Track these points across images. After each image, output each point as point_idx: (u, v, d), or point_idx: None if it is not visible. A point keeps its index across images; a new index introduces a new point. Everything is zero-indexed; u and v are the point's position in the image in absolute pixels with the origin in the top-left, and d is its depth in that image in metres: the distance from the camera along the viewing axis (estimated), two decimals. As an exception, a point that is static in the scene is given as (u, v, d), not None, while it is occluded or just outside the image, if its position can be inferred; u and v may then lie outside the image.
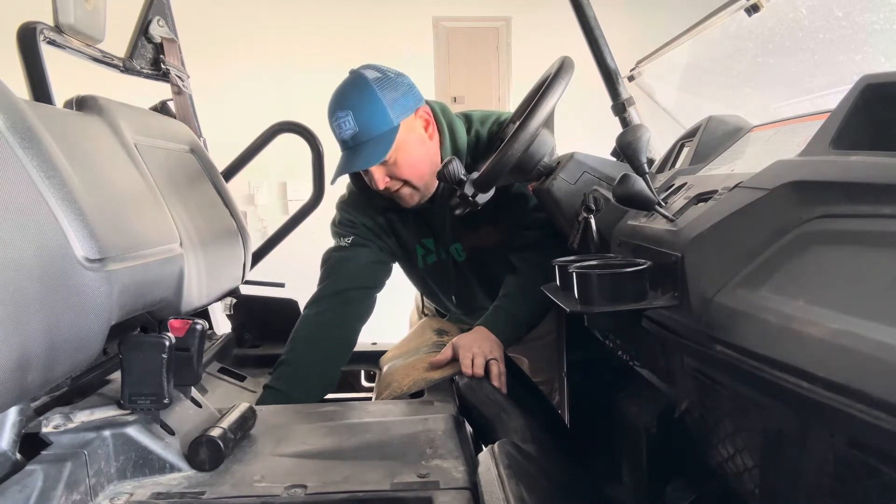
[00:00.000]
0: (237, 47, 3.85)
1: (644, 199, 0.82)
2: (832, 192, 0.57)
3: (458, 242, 1.55)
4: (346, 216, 1.57)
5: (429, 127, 1.44)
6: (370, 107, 1.34)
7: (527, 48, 3.96)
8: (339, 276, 1.53)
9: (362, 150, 1.34)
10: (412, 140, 1.39)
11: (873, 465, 0.47)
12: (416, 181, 1.41)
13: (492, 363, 1.32)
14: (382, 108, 1.34)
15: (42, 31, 1.28)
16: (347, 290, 1.52)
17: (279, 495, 0.88)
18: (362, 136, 1.34)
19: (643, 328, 0.84)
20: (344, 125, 1.34)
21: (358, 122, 1.33)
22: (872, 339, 0.45)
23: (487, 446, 0.95)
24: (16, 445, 0.83)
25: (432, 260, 1.60)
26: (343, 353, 1.51)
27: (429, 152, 1.44)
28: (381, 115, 1.34)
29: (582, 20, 1.48)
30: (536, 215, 1.46)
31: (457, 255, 1.57)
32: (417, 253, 1.59)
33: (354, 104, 1.34)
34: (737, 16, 1.21)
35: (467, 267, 1.59)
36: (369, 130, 1.34)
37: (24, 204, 0.77)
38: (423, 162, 1.42)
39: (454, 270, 1.60)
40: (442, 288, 1.66)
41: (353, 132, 1.34)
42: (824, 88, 1.08)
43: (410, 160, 1.39)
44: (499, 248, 1.54)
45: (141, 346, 0.94)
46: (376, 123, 1.34)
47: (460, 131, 1.48)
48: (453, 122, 1.49)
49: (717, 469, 0.77)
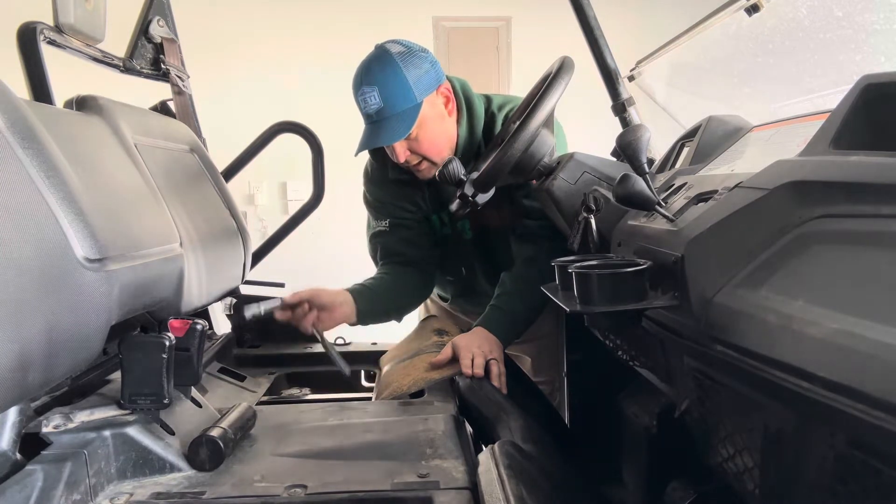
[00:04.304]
0: (237, 47, 3.85)
1: (644, 199, 0.82)
2: (832, 192, 0.56)
3: (465, 220, 1.59)
4: (374, 196, 1.64)
5: (449, 103, 1.47)
6: (395, 83, 1.37)
7: (527, 48, 3.96)
8: (391, 252, 1.63)
9: (386, 126, 1.38)
10: (433, 116, 1.43)
11: (873, 465, 0.47)
12: (434, 157, 1.45)
13: (492, 363, 1.33)
14: (407, 85, 1.37)
15: (42, 31, 1.28)
16: (405, 259, 1.61)
17: (279, 495, 0.88)
18: (387, 111, 1.37)
19: (643, 328, 0.84)
20: (370, 100, 1.37)
21: (383, 97, 1.36)
22: (872, 339, 0.45)
23: (487, 446, 0.95)
24: (16, 445, 0.83)
25: (447, 231, 1.64)
26: (419, 289, 1.67)
27: (448, 128, 1.48)
28: (406, 92, 1.37)
29: (582, 20, 1.48)
30: (537, 204, 1.47)
31: (465, 232, 1.62)
32: (434, 223, 1.64)
33: (379, 80, 1.37)
34: (737, 16, 1.21)
35: (472, 246, 1.63)
36: (393, 106, 1.37)
37: (24, 204, 0.77)
38: (442, 138, 1.46)
39: (462, 246, 1.64)
40: (452, 262, 1.70)
41: (378, 107, 1.37)
42: (824, 88, 1.08)
43: (431, 137, 1.43)
44: (503, 231, 1.57)
45: (141, 346, 0.94)
46: (400, 100, 1.37)
47: (479, 109, 1.52)
48: (472, 100, 1.52)
49: (718, 469, 0.77)
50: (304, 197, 2.03)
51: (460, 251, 1.66)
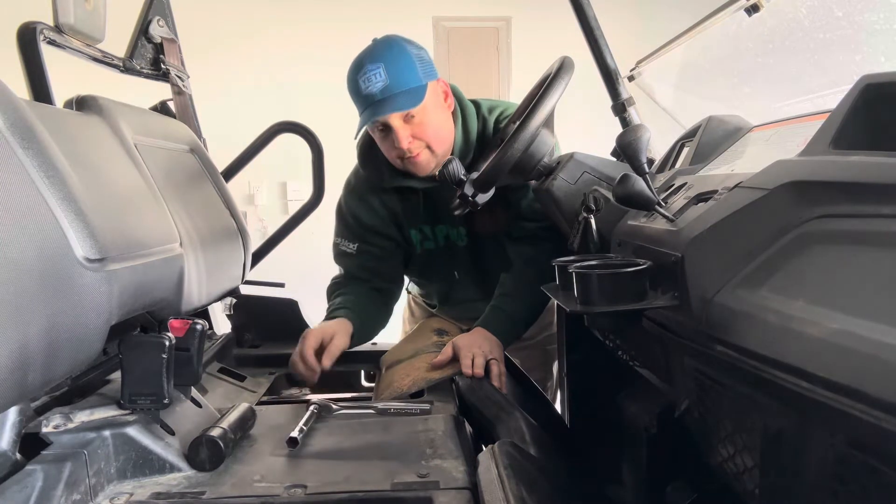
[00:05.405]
0: (237, 47, 3.86)
1: (644, 199, 0.82)
2: (832, 192, 0.56)
3: (461, 226, 1.56)
4: (352, 211, 1.57)
5: (447, 98, 1.45)
6: (402, 61, 1.34)
7: (527, 48, 3.96)
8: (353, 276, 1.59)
9: (392, 101, 1.33)
10: (436, 104, 1.40)
11: (873, 465, 0.47)
12: (435, 146, 1.41)
13: (492, 363, 1.33)
14: (413, 64, 1.36)
15: (42, 31, 1.28)
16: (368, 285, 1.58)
17: (279, 495, 0.88)
18: (393, 88, 1.33)
19: (643, 328, 0.84)
20: (374, 77, 1.33)
21: (389, 73, 1.32)
22: (872, 339, 0.45)
23: (487, 446, 0.95)
24: (16, 445, 0.84)
25: (430, 246, 1.61)
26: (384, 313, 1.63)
27: (448, 121, 1.45)
28: (412, 71, 1.35)
29: (582, 20, 1.48)
30: (536, 205, 1.47)
31: (458, 239, 1.58)
32: (413, 238, 1.60)
33: (386, 57, 1.34)
34: (737, 16, 1.21)
35: (465, 254, 1.59)
36: (400, 84, 1.33)
37: (24, 204, 0.77)
38: (445, 128, 1.43)
39: (449, 258, 1.61)
40: (437, 276, 1.67)
41: (384, 84, 1.32)
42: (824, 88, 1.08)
43: (435, 122, 1.40)
44: (500, 235, 1.56)
45: (141, 346, 0.94)
46: (406, 78, 1.34)
47: (471, 112, 1.50)
48: (465, 102, 1.51)
49: (717, 469, 0.77)
50: (304, 197, 2.03)
51: (448, 262, 1.62)
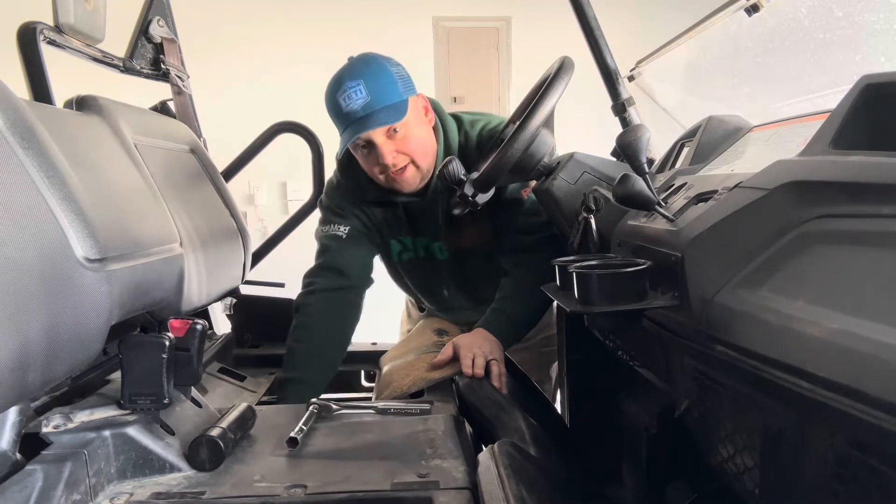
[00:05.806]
0: (237, 47, 3.85)
1: (644, 199, 0.82)
2: (832, 192, 0.56)
3: (442, 241, 1.54)
4: (339, 202, 1.55)
5: (428, 112, 1.45)
6: (382, 77, 1.34)
7: (527, 48, 3.96)
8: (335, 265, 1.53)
9: (374, 117, 1.32)
10: (417, 119, 1.40)
11: (873, 465, 0.47)
12: (420, 160, 1.40)
13: (492, 363, 1.33)
14: (393, 80, 1.35)
15: (42, 31, 1.28)
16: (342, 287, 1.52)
17: (279, 495, 0.88)
18: (374, 104, 1.32)
19: (643, 328, 0.84)
20: (355, 94, 1.31)
21: (370, 89, 1.31)
22: (872, 339, 0.45)
23: (487, 446, 0.95)
24: (16, 445, 0.84)
25: (409, 257, 1.59)
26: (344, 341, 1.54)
27: (430, 135, 1.45)
28: (392, 87, 1.34)
29: (582, 20, 1.47)
30: (531, 220, 1.46)
31: (439, 252, 1.56)
32: (392, 248, 1.59)
33: (365, 73, 1.33)
34: (737, 16, 1.21)
35: (447, 266, 1.58)
36: (381, 99, 1.32)
37: (24, 204, 0.77)
38: (427, 142, 1.43)
39: (431, 269, 1.59)
40: (417, 285, 1.67)
41: (364, 101, 1.31)
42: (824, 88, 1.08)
43: (418, 136, 1.39)
44: (482, 250, 1.54)
45: (141, 346, 0.94)
46: (388, 93, 1.33)
47: (452, 127, 1.50)
48: (445, 116, 1.50)
49: (718, 469, 0.77)
50: (304, 197, 2.03)
51: (428, 274, 1.60)
